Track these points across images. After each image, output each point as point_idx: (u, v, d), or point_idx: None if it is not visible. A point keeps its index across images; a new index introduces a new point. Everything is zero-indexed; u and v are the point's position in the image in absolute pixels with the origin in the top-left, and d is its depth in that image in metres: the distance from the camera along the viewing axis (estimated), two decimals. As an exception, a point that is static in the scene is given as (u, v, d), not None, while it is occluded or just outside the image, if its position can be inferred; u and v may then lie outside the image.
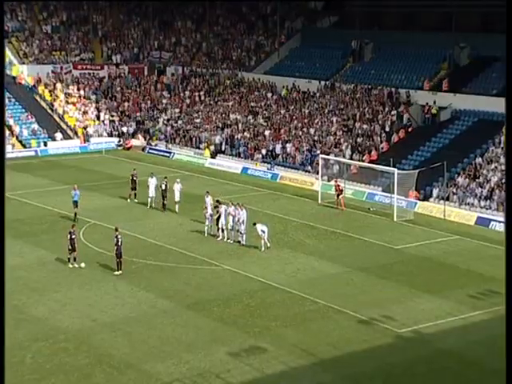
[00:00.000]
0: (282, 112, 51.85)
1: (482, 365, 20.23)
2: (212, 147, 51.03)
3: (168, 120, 56.62)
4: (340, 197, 36.48)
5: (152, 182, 36.20)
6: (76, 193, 33.92)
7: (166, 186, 36.08)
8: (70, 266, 27.31)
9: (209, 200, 32.30)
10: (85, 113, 57.09)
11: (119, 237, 26.78)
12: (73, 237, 27.20)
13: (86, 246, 29.89)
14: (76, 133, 54.84)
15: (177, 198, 35.55)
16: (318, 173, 41.30)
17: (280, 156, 47.69)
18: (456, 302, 24.44)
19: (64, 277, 26.79)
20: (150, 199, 36.12)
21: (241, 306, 24.18)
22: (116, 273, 26.67)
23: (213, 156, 50.26)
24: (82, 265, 27.27)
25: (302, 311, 23.70)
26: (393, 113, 46.54)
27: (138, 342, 21.41)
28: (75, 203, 33.77)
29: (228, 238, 30.86)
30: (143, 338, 21.62)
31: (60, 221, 34.09)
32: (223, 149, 50.81)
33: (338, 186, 36.88)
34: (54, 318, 22.92)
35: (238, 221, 30.53)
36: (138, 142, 54.79)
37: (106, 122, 56.63)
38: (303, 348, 21.03)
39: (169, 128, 55.44)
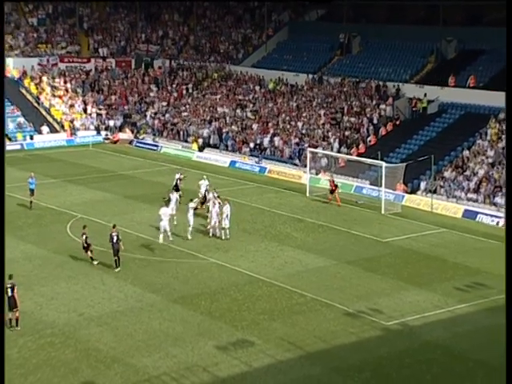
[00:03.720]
0: (270, 105, 51.77)
1: (468, 357, 20.34)
2: (200, 140, 50.89)
3: (155, 113, 56.39)
4: (335, 193, 36.38)
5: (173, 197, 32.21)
6: (33, 181, 34.48)
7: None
8: (95, 263, 26.96)
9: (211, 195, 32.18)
10: (71, 106, 56.73)
11: (114, 234, 26.52)
12: (85, 237, 26.71)
13: (73, 239, 29.72)
14: (62, 126, 54.51)
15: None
16: (305, 166, 41.29)
17: (268, 149, 47.63)
18: (443, 295, 24.54)
19: (50, 271, 26.64)
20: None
21: (228, 299, 24.16)
22: (116, 270, 26.45)
23: (200, 149, 50.14)
24: (95, 262, 27.02)
25: (289, 304, 23.71)
26: (381, 106, 46.57)
27: (125, 336, 21.34)
28: (31, 191, 34.27)
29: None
30: (130, 332, 21.55)
31: (46, 215, 33.88)
32: (211, 142, 50.69)
33: (333, 181, 36.84)
34: (41, 313, 22.79)
35: (222, 216, 30.41)
36: (126, 135, 54.56)
37: (92, 115, 56.31)
38: (291, 341, 21.05)
39: (156, 121, 55.23)
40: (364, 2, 54.91)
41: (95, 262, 27.02)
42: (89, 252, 27.11)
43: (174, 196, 32.86)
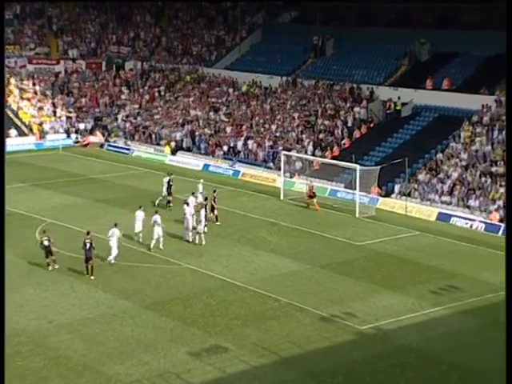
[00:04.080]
0: (244, 108, 51.90)
1: (441, 360, 20.57)
2: (172, 144, 50.80)
3: (127, 116, 56.17)
4: (314, 200, 36.52)
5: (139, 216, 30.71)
6: None
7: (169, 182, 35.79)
8: (50, 268, 26.57)
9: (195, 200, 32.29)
10: (40, 109, 56.24)
11: (87, 241, 26.30)
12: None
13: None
14: (31, 129, 54.01)
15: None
16: (280, 169, 41.44)
17: (241, 152, 47.73)
18: (417, 298, 24.81)
19: (20, 277, 26.38)
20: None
21: (201, 304, 24.16)
22: (91, 277, 26.21)
23: (173, 153, 50.04)
24: (49, 268, 26.74)
25: (263, 309, 23.79)
26: (355, 109, 46.96)
27: (96, 343, 21.23)
28: None
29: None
30: (101, 339, 21.44)
31: (14, 220, 33.51)
32: (184, 145, 50.63)
33: (312, 188, 37.01)
34: (10, 320, 22.54)
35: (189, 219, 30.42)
36: (96, 138, 54.26)
37: (62, 118, 55.90)
38: (265, 346, 21.12)
39: (128, 124, 55.01)
40: (337, 4, 55.26)
41: (50, 268, 26.80)
42: (49, 257, 26.84)
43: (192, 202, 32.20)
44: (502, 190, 35.08)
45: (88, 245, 26.28)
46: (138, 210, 30.67)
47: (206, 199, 33.42)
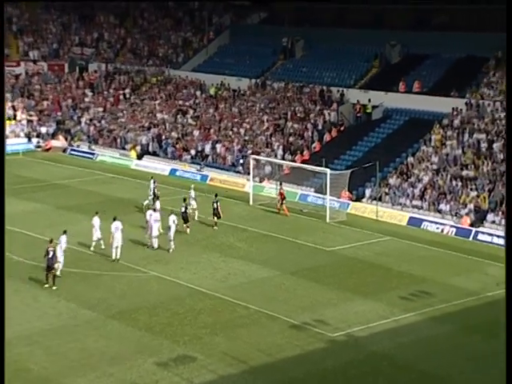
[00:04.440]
0: (211, 111, 51.94)
1: (412, 367, 20.82)
2: (138, 148, 50.59)
3: (91, 119, 55.80)
4: (283, 205, 36.73)
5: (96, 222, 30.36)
6: None
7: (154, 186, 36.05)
8: (47, 285, 25.97)
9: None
10: None
11: (50, 250, 25.94)
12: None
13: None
14: (-10, 133, 53.29)
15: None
16: (249, 174, 41.54)
17: (210, 157, 47.74)
18: (388, 304, 25.08)
19: (-22, 288, 25.99)
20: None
21: (169, 313, 24.10)
22: (54, 287, 25.76)
23: (139, 157, 49.84)
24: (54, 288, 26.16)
25: (232, 317, 23.82)
26: (325, 112, 47.30)
27: (58, 355, 21.04)
28: None
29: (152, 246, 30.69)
30: (63, 351, 21.26)
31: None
32: (150, 149, 50.46)
33: (282, 192, 37.18)
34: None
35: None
36: (59, 142, 53.77)
37: (23, 121, 55.28)
38: (234, 355, 21.15)
39: (92, 128, 54.64)
40: (307, 4, 55.65)
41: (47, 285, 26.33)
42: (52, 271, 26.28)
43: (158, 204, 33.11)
44: (473, 193, 35.65)
45: (51, 253, 26.00)
46: (95, 215, 30.43)
47: (185, 208, 33.37)
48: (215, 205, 33.89)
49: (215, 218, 33.80)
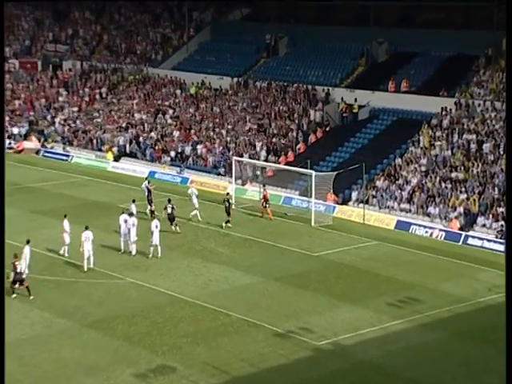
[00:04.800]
0: (192, 111, 51.93)
1: (402, 375, 20.92)
2: (115, 149, 50.44)
3: (65, 120, 55.56)
4: (268, 208, 36.76)
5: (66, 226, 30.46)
6: None
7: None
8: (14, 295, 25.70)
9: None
10: (-30, 112, 55.20)
11: (17, 264, 25.62)
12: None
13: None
14: (-41, 134, 52.91)
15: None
16: (231, 176, 41.54)
17: (190, 158, 47.70)
18: (376, 311, 25.19)
19: None
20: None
21: (148, 322, 24.05)
22: (31, 297, 25.53)
23: (116, 159, 49.68)
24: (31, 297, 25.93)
25: (214, 326, 23.81)
26: (310, 112, 47.46)
27: (32, 366, 20.92)
28: None
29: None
30: (37, 362, 21.14)
31: None
32: (128, 151, 50.32)
33: (265, 194, 37.22)
34: None
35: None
36: (32, 144, 53.46)
37: (-7, 122, 54.95)
38: (216, 365, 21.14)
39: (66, 128, 54.40)
40: (291, 1, 55.81)
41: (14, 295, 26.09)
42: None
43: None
44: (463, 196, 35.90)
45: (18, 267, 25.54)
46: (64, 219, 30.31)
47: (171, 208, 33.33)
48: (227, 203, 34.77)
49: (228, 216, 34.69)
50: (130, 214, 31.31)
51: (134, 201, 34.15)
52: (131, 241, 30.47)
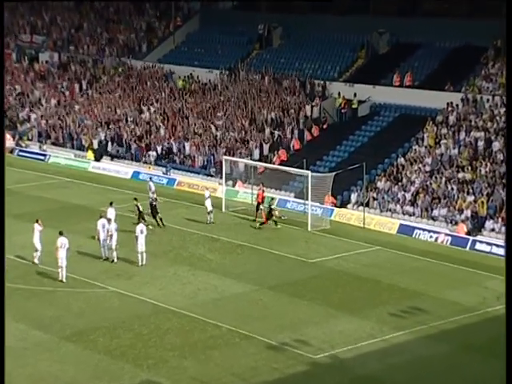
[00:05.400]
0: (179, 106, 51.94)
1: (405, 391, 21.05)
2: (96, 148, 50.38)
3: (42, 116, 55.48)
4: (261, 207, 36.80)
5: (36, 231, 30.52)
6: None
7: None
8: None
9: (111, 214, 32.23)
10: None
11: None
12: None
13: None
14: None
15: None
16: (221, 177, 41.58)
17: (177, 157, 47.70)
18: (377, 322, 25.26)
19: None
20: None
21: (131, 334, 24.07)
22: None
23: (97, 158, 49.65)
24: None
25: (203, 338, 23.84)
26: (306, 107, 47.55)
27: (5, 382, 20.82)
28: None
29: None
30: (12, 377, 21.07)
31: None
32: (110, 150, 50.30)
33: (262, 193, 37.17)
34: None
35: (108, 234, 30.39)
36: (6, 142, 53.30)
37: (-36, 118, 54.87)
38: (205, 380, 21.18)
39: (43, 125, 54.33)
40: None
41: None
42: None
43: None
44: (470, 198, 36.05)
45: None
46: (35, 223, 30.33)
47: (140, 212, 33.43)
48: (270, 207, 35.10)
49: (273, 217, 35.31)
50: (109, 220, 31.27)
51: (111, 203, 34.06)
52: (112, 248, 30.46)
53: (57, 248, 28.37)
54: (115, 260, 30.47)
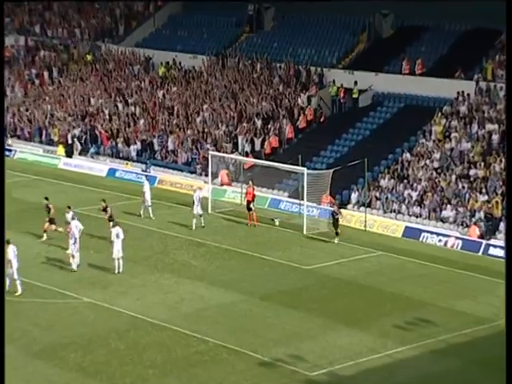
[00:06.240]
0: (160, 95, 51.92)
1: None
2: (68, 142, 50.32)
3: (7, 107, 55.31)
4: (251, 206, 36.80)
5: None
6: None
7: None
8: None
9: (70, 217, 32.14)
10: None
11: None
12: None
13: None
14: None
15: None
16: (206, 174, 41.57)
17: (158, 153, 47.69)
18: (380, 335, 25.32)
19: None
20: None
21: (106, 350, 24.06)
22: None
23: (69, 154, 49.60)
24: None
25: (186, 354, 23.84)
26: (301, 97, 47.60)
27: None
28: None
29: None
30: (-26, 399, 21.06)
31: None
32: (83, 144, 50.24)
33: (252, 191, 37.15)
34: None
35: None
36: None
37: None
38: (188, 401, 21.25)
39: (8, 117, 54.21)
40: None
41: None
42: None
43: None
44: (483, 198, 36.17)
45: None
46: None
47: (111, 216, 33.44)
48: (335, 215, 34.39)
49: (336, 229, 34.48)
50: (68, 223, 31.39)
51: (69, 207, 33.90)
52: (72, 252, 30.48)
53: (9, 260, 27.85)
54: (74, 267, 30.41)
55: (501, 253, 33.13)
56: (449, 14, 47.87)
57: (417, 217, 37.29)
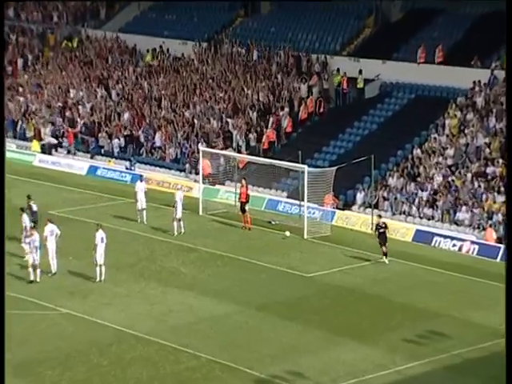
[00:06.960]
0: (146, 86, 51.94)
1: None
2: (44, 138, 50.31)
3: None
4: (246, 207, 36.84)
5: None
6: None
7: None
8: None
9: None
10: None
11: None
12: None
13: None
14: None
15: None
16: (197, 173, 41.58)
17: (144, 149, 47.70)
18: (388, 350, 25.32)
19: None
20: None
21: (87, 366, 24.03)
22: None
23: (45, 150, 49.58)
24: None
25: (175, 370, 23.84)
26: (301, 87, 47.64)
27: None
28: None
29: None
30: None
31: None
32: (61, 140, 50.23)
33: (246, 190, 37.16)
34: None
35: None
36: None
37: None
38: (178, 423, 21.28)
39: (-21, 110, 54.26)
40: None
41: None
42: None
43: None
44: (501, 198, 36.21)
45: None
46: None
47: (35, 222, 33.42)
48: (381, 230, 33.21)
49: (383, 247, 33.17)
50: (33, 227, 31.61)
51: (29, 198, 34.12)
52: (50, 255, 30.57)
53: None
54: (53, 271, 30.65)
55: (521, 259, 33.28)
56: (463, -4, 48.06)
57: (428, 219, 37.35)
